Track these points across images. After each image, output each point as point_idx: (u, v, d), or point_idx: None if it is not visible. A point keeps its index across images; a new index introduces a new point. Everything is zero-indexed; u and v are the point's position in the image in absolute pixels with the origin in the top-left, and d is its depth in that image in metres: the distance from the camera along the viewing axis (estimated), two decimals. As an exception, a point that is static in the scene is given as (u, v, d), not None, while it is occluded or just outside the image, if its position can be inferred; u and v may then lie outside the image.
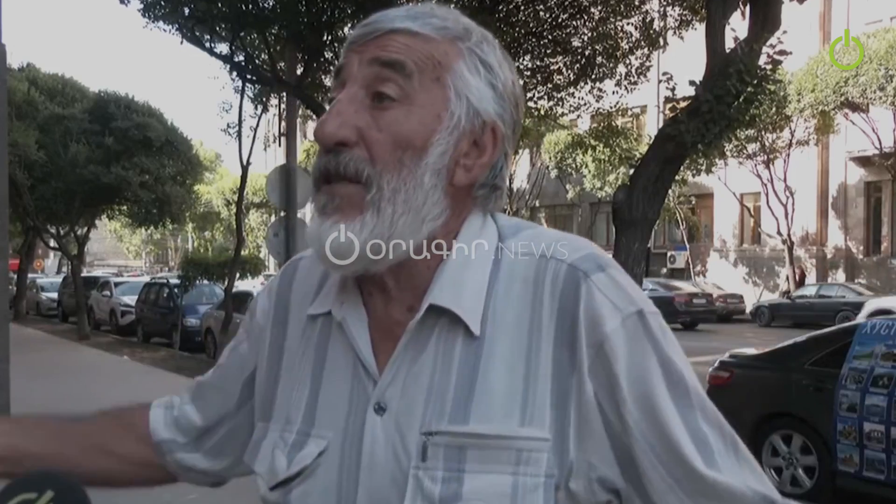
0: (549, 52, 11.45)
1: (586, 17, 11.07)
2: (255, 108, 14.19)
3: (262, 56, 11.66)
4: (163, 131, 18.37)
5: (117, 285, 21.43)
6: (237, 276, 13.19)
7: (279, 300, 0.94)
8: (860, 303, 18.68)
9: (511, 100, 0.84)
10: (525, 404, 0.76)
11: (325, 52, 10.73)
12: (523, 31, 10.96)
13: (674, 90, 7.29)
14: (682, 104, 7.20)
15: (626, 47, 11.69)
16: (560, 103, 12.57)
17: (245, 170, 12.49)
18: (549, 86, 11.98)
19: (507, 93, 0.83)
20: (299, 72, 11.01)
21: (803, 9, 8.07)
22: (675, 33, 11.40)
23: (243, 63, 11.09)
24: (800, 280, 24.83)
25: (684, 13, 10.88)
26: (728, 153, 23.10)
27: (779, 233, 25.10)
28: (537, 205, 32.65)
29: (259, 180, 32.96)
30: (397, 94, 0.78)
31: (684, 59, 11.59)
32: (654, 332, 0.78)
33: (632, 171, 8.41)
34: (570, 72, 11.82)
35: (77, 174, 17.27)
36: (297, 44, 10.44)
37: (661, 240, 30.31)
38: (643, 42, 11.57)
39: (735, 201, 27.50)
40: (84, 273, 23.03)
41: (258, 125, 13.56)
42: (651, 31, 11.43)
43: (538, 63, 11.47)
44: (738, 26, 7.13)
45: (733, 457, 0.78)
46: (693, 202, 29.19)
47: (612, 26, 11.30)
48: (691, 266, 28.54)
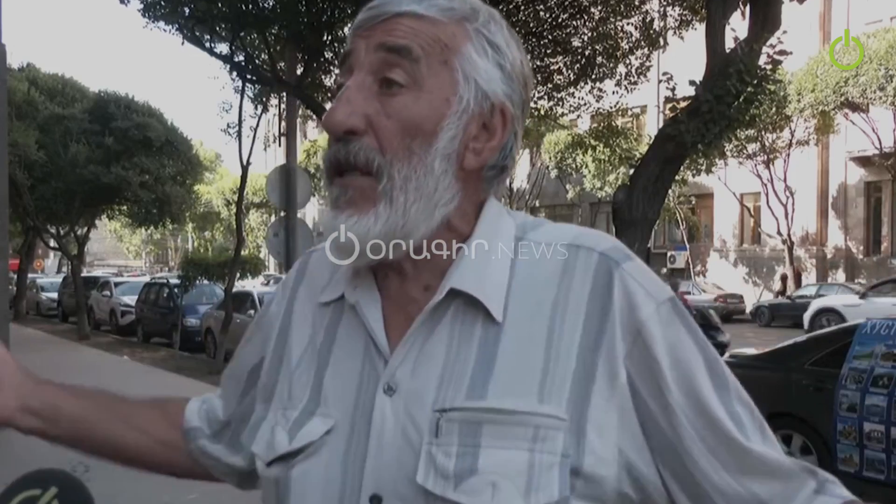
0: (549, 52, 11.42)
1: (586, 17, 11.05)
2: (255, 108, 14.17)
3: (262, 56, 11.64)
4: (163, 131, 18.33)
5: (117, 285, 21.40)
6: (237, 276, 13.16)
7: (292, 293, 0.94)
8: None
9: (519, 79, 0.83)
10: (544, 383, 0.75)
11: (325, 52, 10.73)
12: (523, 31, 10.93)
13: (674, 90, 7.29)
14: (682, 104, 7.20)
15: (626, 47, 11.67)
16: (560, 103, 12.54)
17: (245, 170, 12.46)
18: (549, 86, 11.95)
19: (516, 73, 0.83)
20: (299, 72, 11.01)
21: (803, 9, 8.06)
22: (675, 33, 11.39)
23: (243, 63, 11.08)
24: (795, 280, 24.83)
25: (684, 13, 10.87)
26: (728, 153, 23.10)
27: (779, 233, 25.12)
28: (537, 205, 32.61)
29: (259, 180, 32.99)
30: (405, 79, 0.78)
31: (684, 59, 11.60)
32: (686, 317, 0.80)
33: (632, 171, 8.41)
34: (570, 72, 11.80)
35: (77, 174, 17.23)
36: (297, 44, 10.43)
37: (661, 240, 30.33)
38: (643, 42, 11.56)
39: (735, 201, 27.51)
40: (84, 273, 23.00)
41: (258, 125, 13.52)
42: (651, 31, 11.41)
43: (538, 63, 11.44)
44: (738, 26, 7.13)
45: (764, 435, 0.80)
46: (693, 202, 29.20)
47: (612, 26, 11.28)
48: (691, 266, 28.53)
